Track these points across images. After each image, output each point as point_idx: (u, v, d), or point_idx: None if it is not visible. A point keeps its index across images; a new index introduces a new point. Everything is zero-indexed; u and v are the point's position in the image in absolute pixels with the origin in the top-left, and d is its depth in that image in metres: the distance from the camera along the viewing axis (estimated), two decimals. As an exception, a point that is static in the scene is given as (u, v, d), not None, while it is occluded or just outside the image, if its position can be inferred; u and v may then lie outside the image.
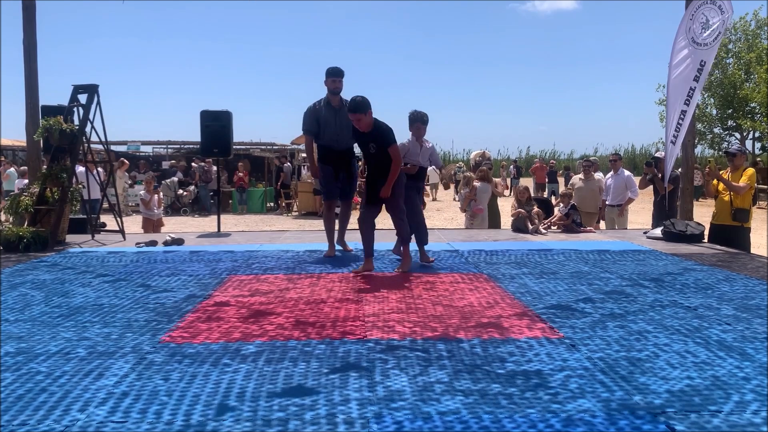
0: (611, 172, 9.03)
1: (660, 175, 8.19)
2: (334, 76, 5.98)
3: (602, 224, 9.14)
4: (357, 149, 6.28)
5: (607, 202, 8.94)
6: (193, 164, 19.52)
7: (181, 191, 18.36)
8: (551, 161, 28.86)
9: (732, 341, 3.21)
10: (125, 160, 17.16)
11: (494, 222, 9.17)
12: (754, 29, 26.39)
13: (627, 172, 9.03)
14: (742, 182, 6.55)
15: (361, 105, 5.01)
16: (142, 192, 11.02)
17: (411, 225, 5.43)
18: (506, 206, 10.17)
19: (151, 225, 10.47)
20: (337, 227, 6.37)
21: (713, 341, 3.21)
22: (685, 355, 2.99)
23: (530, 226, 7.77)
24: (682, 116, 7.46)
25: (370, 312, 3.86)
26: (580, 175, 9.38)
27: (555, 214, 8.41)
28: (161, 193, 12.02)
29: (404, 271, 5.25)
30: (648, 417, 2.27)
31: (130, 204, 17.18)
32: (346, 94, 6.01)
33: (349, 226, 6.59)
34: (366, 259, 5.32)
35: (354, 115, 5.04)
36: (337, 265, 5.60)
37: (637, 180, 9.18)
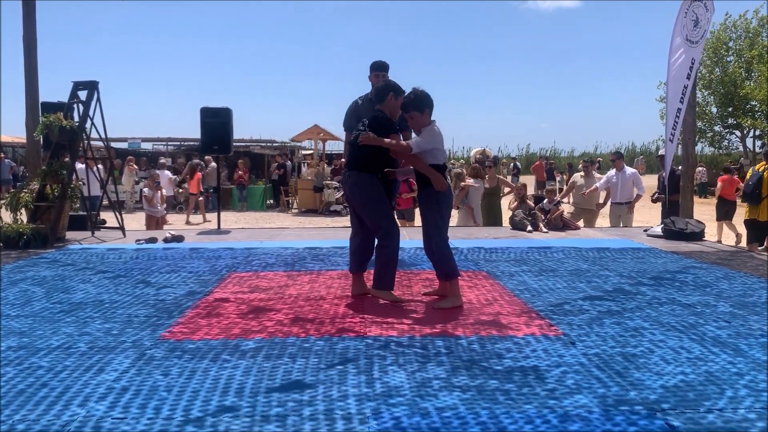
0: (614, 170, 9.05)
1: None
2: (378, 70, 5.47)
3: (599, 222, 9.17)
4: None
5: (612, 200, 8.98)
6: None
7: (177, 188, 18.33)
8: (551, 161, 28.68)
9: (727, 338, 3.23)
10: (133, 159, 17.44)
11: (495, 220, 9.20)
12: (755, 27, 26.34)
13: (631, 170, 9.05)
14: None
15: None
16: (145, 189, 11.03)
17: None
18: (504, 204, 10.18)
19: (155, 222, 10.48)
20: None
21: (708, 338, 3.23)
22: (680, 351, 3.01)
23: (528, 226, 7.78)
24: (678, 114, 7.49)
25: (369, 309, 3.88)
26: (581, 173, 9.40)
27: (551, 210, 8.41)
28: (164, 190, 12.04)
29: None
30: (644, 413, 2.29)
31: (137, 201, 17.25)
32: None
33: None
34: None
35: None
36: (337, 262, 5.62)
37: (644, 178, 9.24)
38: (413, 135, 4.08)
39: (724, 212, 10.82)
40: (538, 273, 5.02)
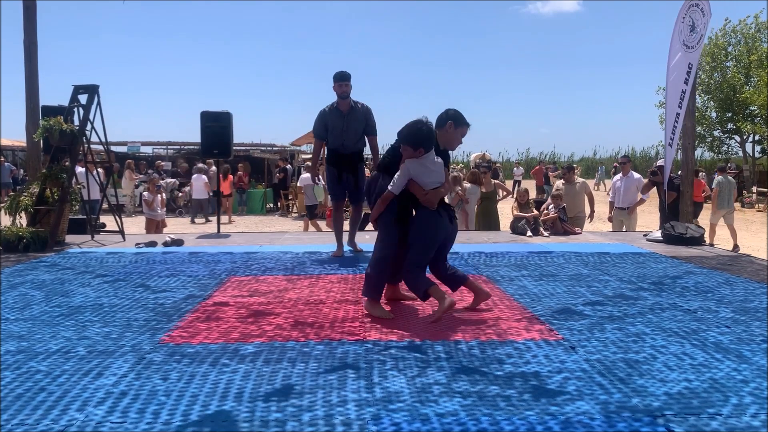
0: (620, 175, 9.08)
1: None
2: (341, 80, 5.95)
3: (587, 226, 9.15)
4: (368, 151, 6.49)
5: (616, 205, 8.97)
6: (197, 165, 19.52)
7: (177, 192, 18.32)
8: (547, 165, 28.48)
9: (729, 344, 3.21)
10: (132, 164, 17.55)
11: (492, 224, 9.18)
12: (753, 32, 26.39)
13: (637, 175, 9.08)
14: None
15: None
16: (145, 193, 11.04)
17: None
18: (505, 209, 10.18)
19: (154, 226, 10.47)
20: (347, 228, 6.50)
21: (711, 343, 3.21)
22: (683, 357, 2.99)
23: (528, 231, 7.76)
24: (676, 118, 7.49)
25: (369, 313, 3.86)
26: (562, 180, 9.30)
27: (548, 213, 8.40)
28: (164, 194, 12.05)
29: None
30: (647, 419, 2.28)
31: (137, 204, 17.28)
32: (355, 97, 6.08)
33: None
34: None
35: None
36: (337, 266, 5.60)
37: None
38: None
39: (692, 212, 11.02)
40: (538, 278, 5.01)
